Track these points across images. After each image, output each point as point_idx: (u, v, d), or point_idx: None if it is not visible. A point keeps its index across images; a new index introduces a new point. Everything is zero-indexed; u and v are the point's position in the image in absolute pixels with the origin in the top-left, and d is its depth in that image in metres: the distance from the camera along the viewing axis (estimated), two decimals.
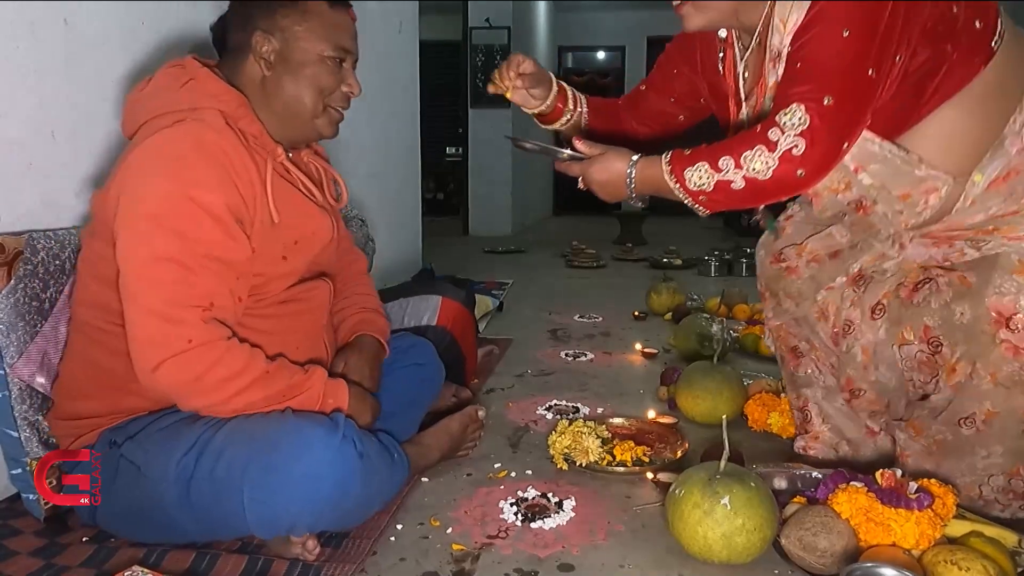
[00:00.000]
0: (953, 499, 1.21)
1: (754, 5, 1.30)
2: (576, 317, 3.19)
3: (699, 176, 1.21)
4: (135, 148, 1.18)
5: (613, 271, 4.67)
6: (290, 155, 1.33)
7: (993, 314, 1.24)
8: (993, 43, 1.24)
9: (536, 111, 1.57)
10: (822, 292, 1.54)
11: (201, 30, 1.77)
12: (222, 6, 1.43)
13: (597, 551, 1.29)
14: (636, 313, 3.19)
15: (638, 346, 2.64)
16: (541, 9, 8.21)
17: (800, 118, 1.15)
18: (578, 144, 1.34)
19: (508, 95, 1.50)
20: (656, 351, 2.59)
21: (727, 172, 1.19)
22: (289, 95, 1.28)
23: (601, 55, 9.82)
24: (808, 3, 1.20)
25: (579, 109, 1.59)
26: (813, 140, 1.15)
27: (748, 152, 1.17)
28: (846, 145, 1.20)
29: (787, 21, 1.24)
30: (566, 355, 2.59)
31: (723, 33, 1.39)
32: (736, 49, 1.41)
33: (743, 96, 1.41)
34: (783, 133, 1.15)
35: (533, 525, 1.36)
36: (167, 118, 1.20)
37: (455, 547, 1.29)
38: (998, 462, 1.29)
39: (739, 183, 1.18)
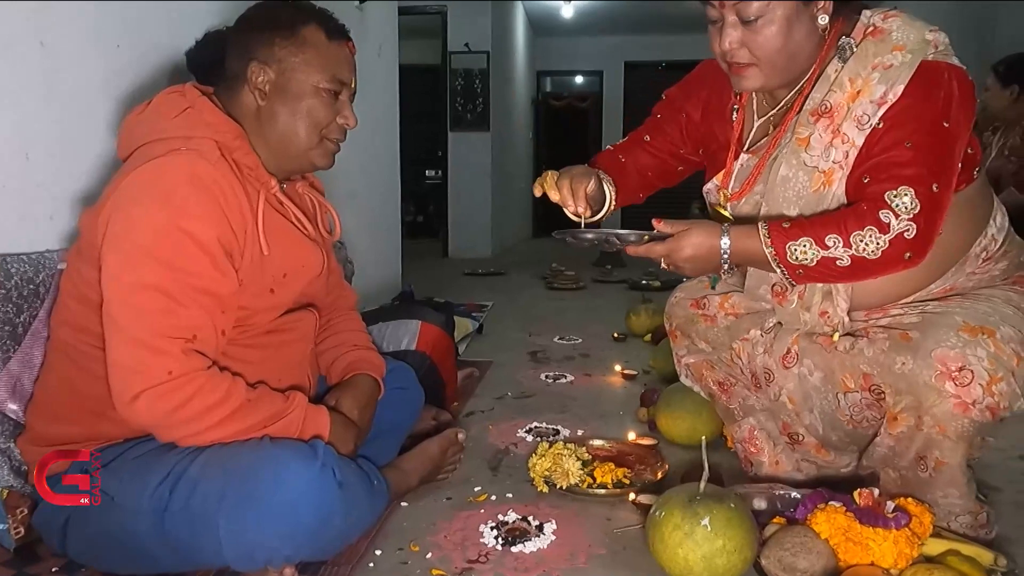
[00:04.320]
0: (930, 518, 1.22)
1: (805, 65, 1.33)
2: (556, 339, 3.19)
3: (803, 251, 1.22)
4: (129, 173, 1.17)
5: (592, 293, 4.68)
6: (284, 187, 1.32)
7: (939, 366, 1.20)
8: (975, 171, 1.33)
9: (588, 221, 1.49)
10: (737, 341, 1.54)
11: (178, 53, 1.77)
12: (201, 28, 1.43)
13: (578, 574, 1.28)
14: (616, 335, 3.19)
15: (618, 367, 2.64)
16: (520, 34, 8.30)
17: (911, 202, 1.18)
18: (659, 225, 1.29)
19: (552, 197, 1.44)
20: (636, 372, 2.59)
21: (834, 249, 1.21)
22: (284, 126, 1.26)
23: (579, 79, 9.93)
24: (903, 85, 1.22)
25: (611, 197, 1.53)
26: (922, 225, 1.18)
27: (859, 232, 1.19)
28: (938, 231, 1.23)
29: (863, 88, 1.25)
30: (546, 377, 2.58)
31: None
32: (754, 100, 1.44)
33: (745, 145, 1.44)
34: (896, 217, 1.18)
35: (514, 549, 1.35)
36: (162, 145, 1.19)
37: (435, 572, 1.28)
38: (958, 503, 1.29)
39: (845, 261, 1.21)
